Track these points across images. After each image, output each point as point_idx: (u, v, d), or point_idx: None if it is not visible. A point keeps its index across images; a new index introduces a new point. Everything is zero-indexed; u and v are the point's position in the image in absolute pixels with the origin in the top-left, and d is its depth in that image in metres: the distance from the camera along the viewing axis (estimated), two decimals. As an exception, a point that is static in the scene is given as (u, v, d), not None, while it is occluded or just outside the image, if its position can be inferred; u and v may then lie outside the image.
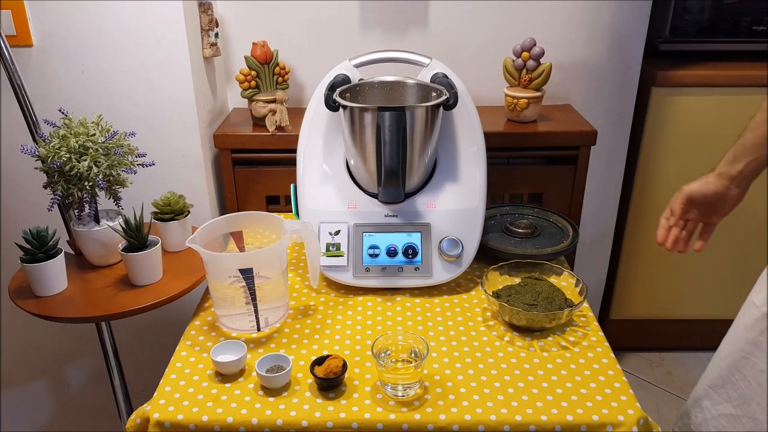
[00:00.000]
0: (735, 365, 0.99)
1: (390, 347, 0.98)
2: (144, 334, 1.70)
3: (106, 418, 1.83)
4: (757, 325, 0.95)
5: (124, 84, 1.43)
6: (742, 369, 0.97)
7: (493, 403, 0.92)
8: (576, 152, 1.57)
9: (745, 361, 0.97)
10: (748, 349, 0.96)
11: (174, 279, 1.21)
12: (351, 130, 1.18)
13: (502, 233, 1.36)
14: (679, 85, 1.71)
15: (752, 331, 0.96)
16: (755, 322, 0.96)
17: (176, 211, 1.29)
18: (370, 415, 0.90)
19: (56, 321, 1.13)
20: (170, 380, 0.98)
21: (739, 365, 0.98)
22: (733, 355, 1.00)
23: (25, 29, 1.36)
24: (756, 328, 0.95)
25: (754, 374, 0.95)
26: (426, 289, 1.21)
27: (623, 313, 2.05)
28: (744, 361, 0.97)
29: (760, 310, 0.95)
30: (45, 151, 1.14)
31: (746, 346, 0.97)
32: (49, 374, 1.79)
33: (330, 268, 1.20)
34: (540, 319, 1.06)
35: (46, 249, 1.14)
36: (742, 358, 0.98)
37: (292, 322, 1.12)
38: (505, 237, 1.35)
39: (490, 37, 1.66)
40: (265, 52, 1.53)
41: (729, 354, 1.01)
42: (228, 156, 1.56)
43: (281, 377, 0.95)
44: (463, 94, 1.23)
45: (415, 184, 1.23)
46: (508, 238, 1.34)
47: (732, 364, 1.00)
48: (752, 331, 0.96)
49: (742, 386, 0.97)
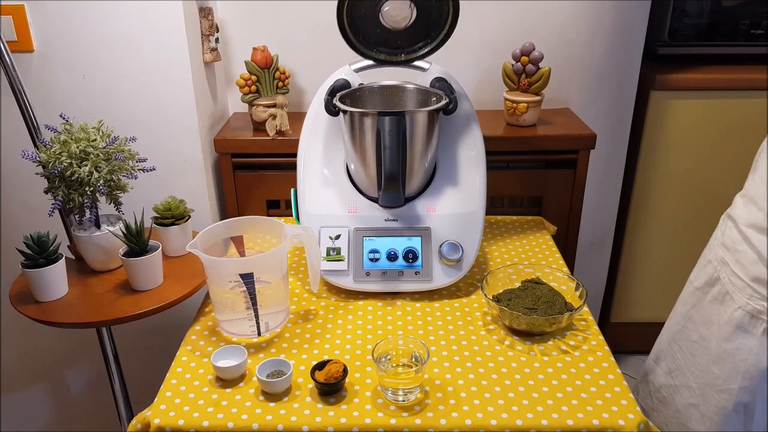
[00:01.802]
0: (672, 338, 1.05)
1: (390, 352, 0.98)
2: (144, 339, 1.70)
3: (107, 423, 1.83)
4: (690, 299, 1.02)
5: (124, 89, 1.43)
6: (678, 341, 1.03)
7: (494, 408, 0.92)
8: (575, 156, 1.58)
9: (680, 334, 1.03)
10: (682, 323, 1.03)
11: (174, 284, 1.21)
12: (351, 135, 1.18)
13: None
14: (677, 88, 1.72)
15: (686, 306, 1.02)
16: (689, 296, 1.02)
17: (177, 216, 1.29)
18: (371, 419, 0.91)
19: (57, 326, 1.14)
20: (171, 385, 0.98)
21: (675, 338, 1.04)
22: (671, 329, 1.06)
23: (26, 35, 1.37)
24: (689, 303, 1.02)
25: (688, 345, 1.01)
26: (426, 294, 1.21)
27: (623, 317, 2.05)
28: (680, 334, 1.03)
29: (692, 285, 1.02)
30: (46, 156, 1.14)
31: (681, 320, 1.03)
32: (49, 379, 1.79)
33: (330, 273, 1.20)
34: (540, 323, 1.06)
35: (46, 254, 1.14)
36: (678, 331, 1.04)
37: (293, 327, 1.12)
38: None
39: (489, 42, 1.66)
40: (265, 56, 1.54)
41: (668, 328, 1.07)
42: (228, 160, 1.56)
43: (282, 382, 0.95)
44: (463, 98, 1.24)
45: (415, 188, 1.24)
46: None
47: (670, 337, 1.06)
48: (686, 305, 1.02)
49: (679, 357, 1.03)
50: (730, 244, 0.93)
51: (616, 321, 2.06)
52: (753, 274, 0.88)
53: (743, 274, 0.90)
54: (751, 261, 0.88)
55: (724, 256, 0.94)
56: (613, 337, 2.05)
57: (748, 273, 0.89)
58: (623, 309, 2.04)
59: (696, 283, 1.00)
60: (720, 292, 0.94)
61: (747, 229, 0.90)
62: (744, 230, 0.90)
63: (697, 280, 1.00)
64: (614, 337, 2.05)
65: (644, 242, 1.92)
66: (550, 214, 1.64)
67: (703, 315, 0.98)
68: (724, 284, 0.93)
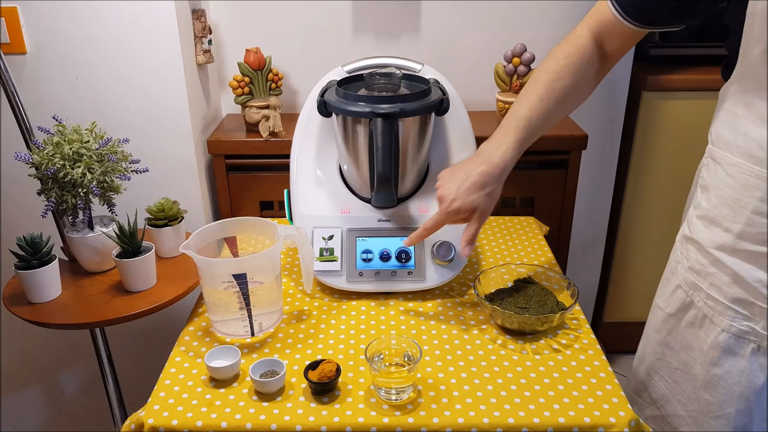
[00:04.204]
0: (651, 368, 1.01)
1: (383, 351, 0.99)
2: (138, 339, 1.70)
3: (101, 424, 1.83)
4: (663, 326, 0.98)
5: (117, 91, 1.43)
6: (658, 370, 1.00)
7: (486, 406, 0.93)
8: (567, 157, 1.58)
9: (659, 363, 0.99)
10: (660, 351, 0.99)
11: (168, 285, 1.21)
12: (344, 136, 1.19)
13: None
14: (669, 89, 1.73)
15: (660, 333, 0.99)
16: (662, 323, 0.99)
17: (170, 217, 1.29)
18: (364, 419, 0.91)
19: (50, 327, 1.14)
20: (164, 386, 0.98)
21: (655, 367, 1.01)
22: (648, 358, 1.02)
23: (19, 37, 1.37)
24: (663, 330, 0.98)
25: (669, 373, 0.98)
26: (419, 293, 1.22)
27: (617, 316, 2.06)
28: (659, 363, 1.00)
29: (664, 312, 0.98)
30: (39, 158, 1.14)
31: (658, 348, 0.99)
32: (43, 380, 1.79)
33: (323, 273, 1.20)
34: (532, 322, 1.07)
35: (40, 255, 1.14)
36: (656, 360, 1.00)
37: (286, 327, 1.12)
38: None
39: (481, 43, 1.67)
40: (258, 58, 1.54)
41: (644, 358, 1.03)
42: (222, 162, 1.56)
43: (275, 382, 0.95)
44: (455, 99, 1.24)
45: (408, 188, 1.24)
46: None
47: (649, 367, 1.02)
48: (660, 332, 0.99)
49: (662, 387, 1.00)
50: (699, 267, 0.90)
51: (609, 321, 2.07)
52: (732, 295, 0.86)
53: (721, 297, 0.87)
54: (726, 283, 0.86)
55: (695, 280, 0.91)
56: (606, 336, 2.07)
57: (726, 295, 0.86)
58: (616, 309, 2.05)
59: (668, 309, 0.97)
60: (696, 316, 0.91)
61: (716, 252, 0.87)
62: (713, 252, 0.88)
63: (668, 307, 0.97)
64: (608, 337, 2.07)
65: (637, 242, 1.93)
66: (542, 215, 1.65)
67: (681, 341, 0.95)
68: (700, 308, 0.90)
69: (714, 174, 0.89)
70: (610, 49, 1.02)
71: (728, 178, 0.85)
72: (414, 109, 1.12)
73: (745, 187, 0.82)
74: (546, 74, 1.03)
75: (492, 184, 1.03)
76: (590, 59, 1.02)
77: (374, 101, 1.12)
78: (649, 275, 1.97)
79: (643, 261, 1.95)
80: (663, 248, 1.91)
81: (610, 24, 0.98)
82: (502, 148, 1.03)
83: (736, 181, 0.83)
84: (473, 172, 1.02)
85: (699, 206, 0.92)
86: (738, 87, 0.84)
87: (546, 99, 1.02)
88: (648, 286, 1.99)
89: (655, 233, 1.91)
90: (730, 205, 0.85)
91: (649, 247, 1.93)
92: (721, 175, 0.87)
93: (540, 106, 1.02)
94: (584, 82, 1.04)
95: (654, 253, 1.94)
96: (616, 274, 1.99)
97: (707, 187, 0.90)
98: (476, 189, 1.02)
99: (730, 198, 0.85)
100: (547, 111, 1.03)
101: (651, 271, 1.96)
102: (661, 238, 1.91)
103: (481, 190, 1.02)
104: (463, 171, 1.03)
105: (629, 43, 1.01)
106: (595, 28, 1.01)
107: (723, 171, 0.86)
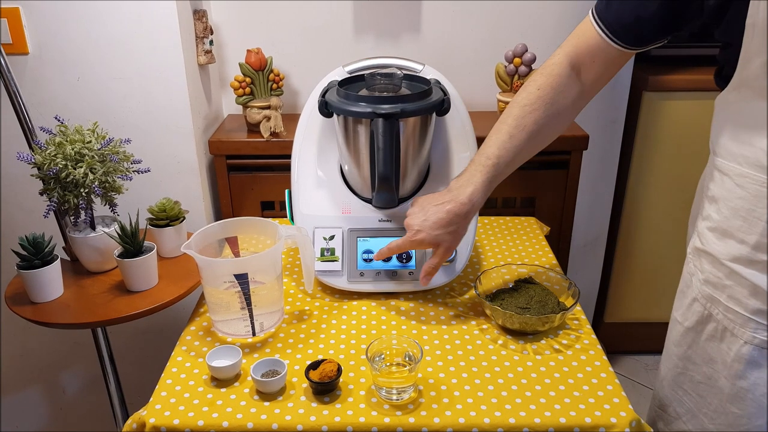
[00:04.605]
0: (675, 382, 1.00)
1: (384, 351, 0.99)
2: (140, 339, 1.70)
3: (102, 424, 1.83)
4: (683, 340, 0.97)
5: (119, 91, 1.44)
6: (682, 385, 0.99)
7: (487, 406, 0.93)
8: (568, 157, 1.59)
9: (682, 377, 0.98)
10: (681, 365, 0.98)
11: (169, 285, 1.21)
12: (345, 136, 1.19)
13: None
14: (670, 89, 1.73)
15: (681, 347, 0.98)
16: (681, 337, 0.97)
17: (171, 217, 1.30)
18: (365, 418, 0.91)
19: (52, 327, 1.14)
20: (166, 385, 0.99)
21: (678, 381, 0.99)
22: (670, 373, 1.01)
23: (21, 37, 1.37)
24: (683, 344, 0.97)
25: (693, 387, 0.97)
26: (420, 293, 1.22)
27: (618, 316, 2.06)
28: (682, 377, 0.98)
29: (682, 326, 0.97)
30: (41, 158, 1.14)
31: (680, 362, 0.98)
32: (45, 380, 1.79)
33: (324, 273, 1.20)
34: (533, 322, 1.07)
35: (42, 255, 1.15)
36: (678, 374, 0.99)
37: (287, 327, 1.13)
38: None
39: (482, 43, 1.67)
40: (259, 59, 1.54)
41: (667, 373, 1.02)
42: (223, 162, 1.57)
43: (276, 382, 0.95)
44: (456, 99, 1.24)
45: (409, 189, 1.24)
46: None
47: (672, 382, 1.01)
48: (681, 346, 0.98)
49: (687, 401, 0.98)
50: (715, 280, 0.89)
51: (610, 321, 2.07)
52: (752, 307, 0.84)
53: (741, 309, 0.86)
54: (745, 295, 0.85)
55: (712, 293, 0.90)
56: (607, 337, 2.07)
57: (746, 307, 0.85)
58: (617, 309, 2.05)
59: (686, 323, 0.96)
60: (716, 329, 0.90)
61: (732, 264, 0.86)
62: (728, 265, 0.87)
63: (686, 321, 0.96)
64: (608, 338, 2.07)
65: (638, 242, 1.93)
66: (543, 215, 1.65)
67: (703, 354, 0.94)
68: (720, 321, 0.89)
69: (722, 185, 0.88)
70: (592, 75, 1.01)
71: (738, 189, 0.84)
72: (415, 109, 1.12)
73: (757, 198, 0.81)
74: (517, 108, 1.02)
75: (457, 222, 1.04)
76: (565, 89, 1.01)
77: (375, 101, 1.12)
78: (650, 276, 1.97)
79: (644, 261, 1.95)
80: (664, 248, 1.93)
81: (593, 48, 0.97)
82: (470, 189, 1.04)
83: (748, 192, 0.82)
84: (441, 209, 1.04)
85: (709, 218, 0.90)
86: (737, 96, 0.83)
87: (516, 135, 1.02)
88: (649, 286, 2.00)
89: (656, 233, 1.91)
90: (743, 217, 0.83)
91: (650, 248, 1.93)
92: (729, 186, 0.86)
93: (510, 144, 1.02)
94: (559, 114, 1.03)
95: (655, 254, 1.94)
96: (617, 274, 1.99)
97: (716, 198, 0.89)
98: (441, 226, 1.04)
99: (743, 209, 0.84)
100: (518, 147, 1.03)
101: (652, 271, 1.96)
102: (663, 239, 1.91)
103: (446, 227, 1.04)
104: (433, 205, 1.05)
105: (612, 67, 1.00)
106: (573, 54, 1.00)
107: (731, 182, 0.85)
